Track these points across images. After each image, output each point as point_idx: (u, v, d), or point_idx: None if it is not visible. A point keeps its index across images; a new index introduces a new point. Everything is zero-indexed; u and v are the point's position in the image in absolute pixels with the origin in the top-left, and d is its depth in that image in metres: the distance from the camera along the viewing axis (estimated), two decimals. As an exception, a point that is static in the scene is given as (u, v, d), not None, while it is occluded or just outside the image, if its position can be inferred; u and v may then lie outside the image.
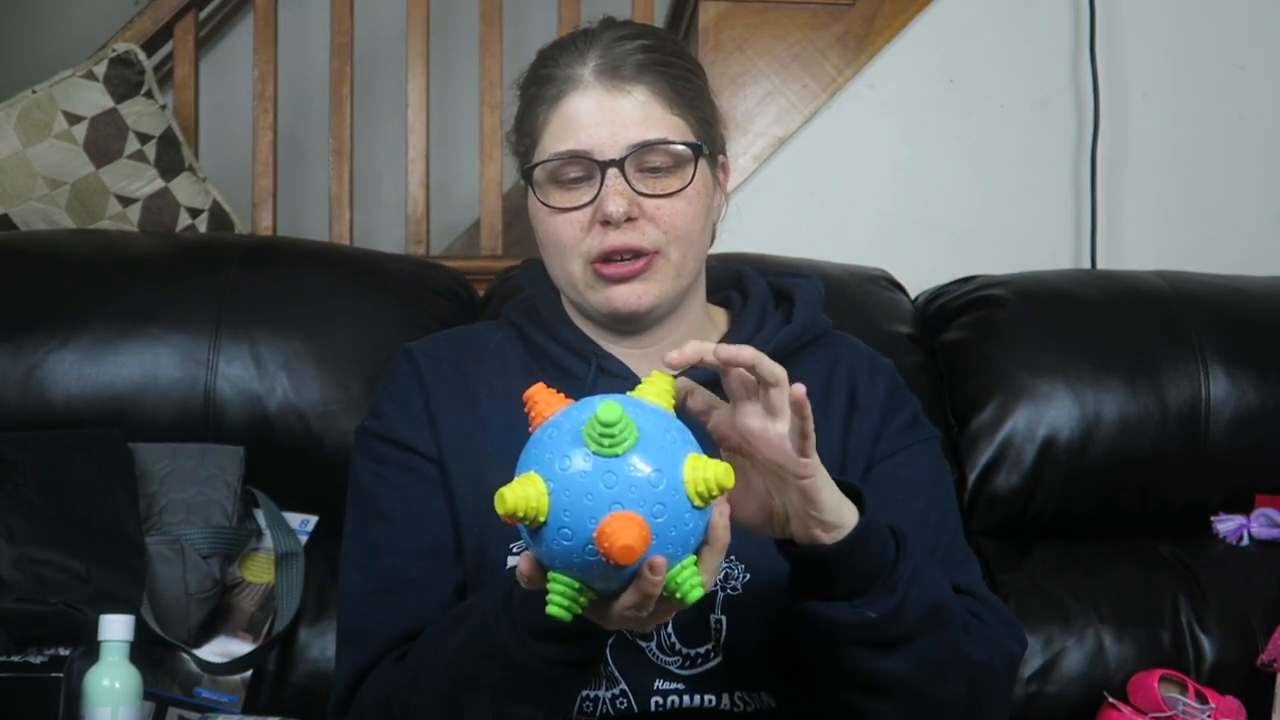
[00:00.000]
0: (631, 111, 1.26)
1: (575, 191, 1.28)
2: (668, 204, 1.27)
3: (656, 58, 1.29)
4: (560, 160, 1.27)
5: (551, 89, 1.29)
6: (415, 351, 1.40)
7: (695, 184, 1.29)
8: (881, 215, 2.43)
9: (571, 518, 0.97)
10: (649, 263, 1.28)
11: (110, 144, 2.32)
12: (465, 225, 3.32)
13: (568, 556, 0.99)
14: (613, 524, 0.95)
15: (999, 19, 2.47)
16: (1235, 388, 1.86)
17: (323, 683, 1.65)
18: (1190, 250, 2.41)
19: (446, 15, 2.95)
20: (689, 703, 1.27)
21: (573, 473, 0.97)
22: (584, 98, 1.27)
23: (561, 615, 1.01)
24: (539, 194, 1.30)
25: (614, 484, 0.97)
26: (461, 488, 1.31)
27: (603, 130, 1.26)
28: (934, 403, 1.84)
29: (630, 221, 1.26)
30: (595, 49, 1.28)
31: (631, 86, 1.27)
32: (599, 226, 1.27)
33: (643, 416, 1.00)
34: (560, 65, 1.29)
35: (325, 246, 2.14)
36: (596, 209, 1.26)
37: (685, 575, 1.00)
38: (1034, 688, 1.74)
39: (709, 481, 0.98)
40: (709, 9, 2.41)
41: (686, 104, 1.30)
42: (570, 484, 0.97)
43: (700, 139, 1.30)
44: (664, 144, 1.27)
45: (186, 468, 1.67)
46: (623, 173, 1.26)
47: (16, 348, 1.72)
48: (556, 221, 1.29)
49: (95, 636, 1.39)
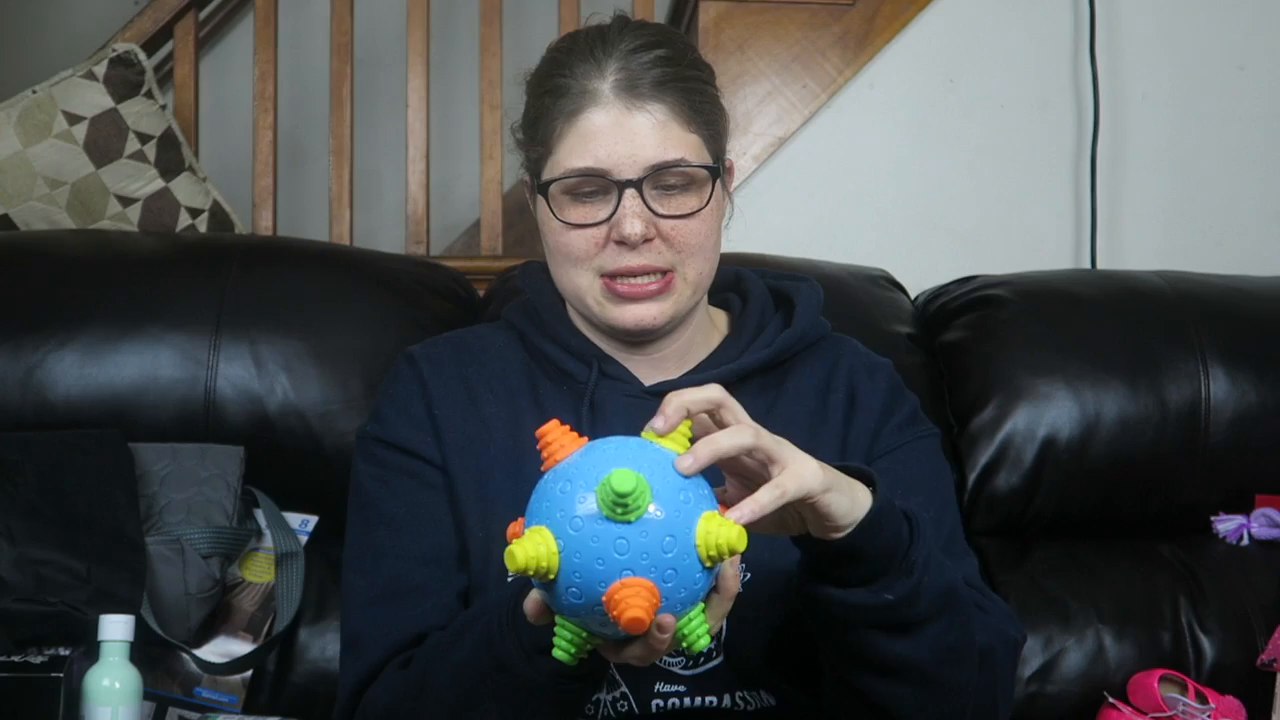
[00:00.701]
0: (650, 131, 1.25)
1: (590, 207, 1.27)
2: (684, 224, 1.27)
3: (675, 72, 1.28)
4: (577, 177, 1.27)
5: (568, 102, 1.27)
6: (416, 355, 1.39)
7: (711, 204, 1.29)
8: (881, 215, 2.43)
9: (582, 579, 0.97)
10: (668, 283, 1.28)
11: (110, 144, 2.32)
12: (465, 225, 3.32)
13: (576, 612, 0.99)
14: (622, 592, 0.95)
15: (999, 19, 2.47)
16: (1235, 388, 1.86)
17: (323, 683, 1.65)
18: (1190, 250, 2.41)
19: (446, 15, 2.95)
20: (690, 704, 1.27)
21: (585, 535, 0.97)
22: (601, 114, 1.26)
23: (566, 660, 1.02)
24: (553, 207, 1.29)
25: (625, 550, 0.96)
26: (465, 491, 1.31)
27: (620, 149, 1.25)
28: (934, 403, 1.84)
29: (646, 242, 1.26)
30: (613, 60, 1.27)
31: (650, 104, 1.26)
32: (613, 245, 1.27)
33: (658, 475, 0.99)
34: (577, 76, 1.27)
35: (325, 246, 2.14)
36: (612, 228, 1.26)
37: (692, 626, 1.01)
38: (1034, 688, 1.74)
39: (721, 547, 0.98)
40: (709, 9, 2.41)
41: (703, 119, 1.29)
42: (582, 547, 0.97)
43: (714, 153, 1.30)
44: (682, 164, 1.26)
45: (186, 468, 1.67)
46: (640, 193, 1.25)
47: (16, 348, 1.72)
48: (571, 236, 1.28)
49: (95, 636, 1.39)
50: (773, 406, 1.33)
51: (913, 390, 1.43)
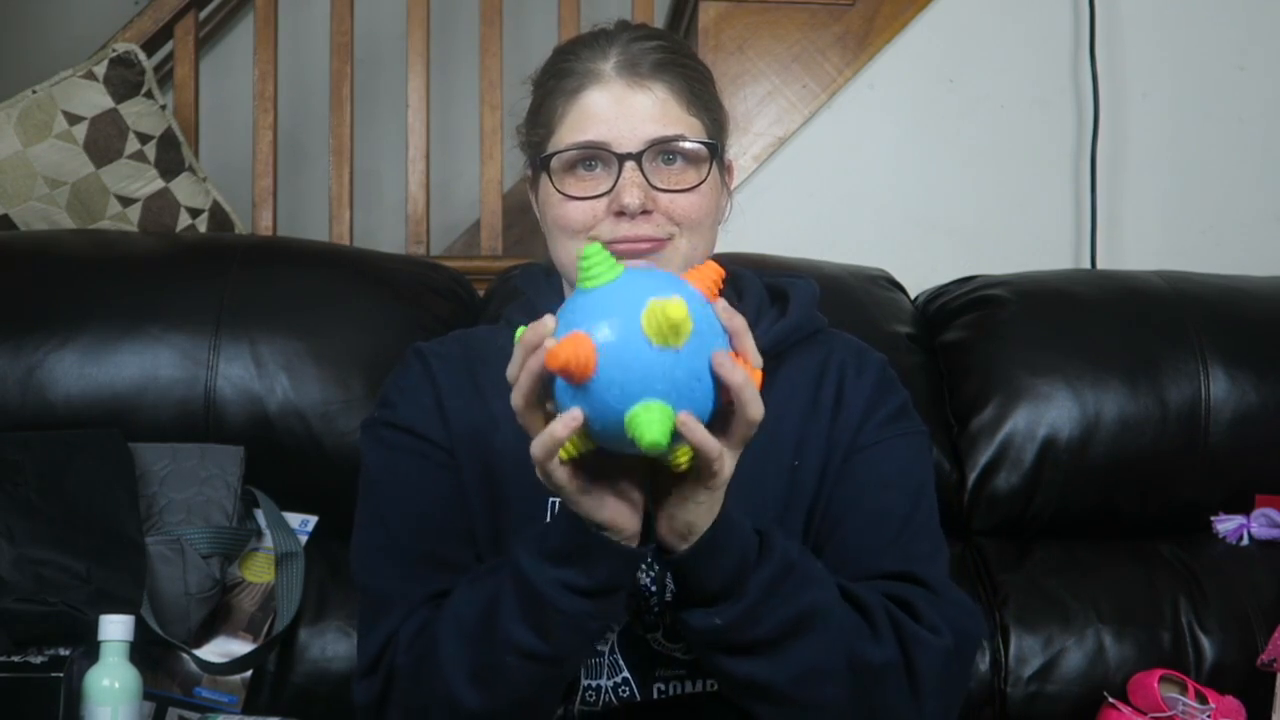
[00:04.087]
0: (650, 107, 1.29)
1: (591, 180, 1.30)
2: (682, 198, 1.30)
3: (674, 58, 1.32)
4: (578, 150, 1.30)
5: (571, 81, 1.31)
6: (425, 350, 1.40)
7: (709, 181, 1.31)
8: (881, 215, 2.43)
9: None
10: (660, 244, 1.30)
11: (110, 144, 2.32)
12: (465, 225, 3.32)
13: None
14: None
15: (999, 19, 2.47)
16: (1235, 388, 1.86)
17: (323, 683, 1.65)
18: (1190, 250, 2.41)
19: (446, 15, 2.95)
20: (691, 688, 1.29)
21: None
22: (603, 92, 1.30)
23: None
24: (554, 180, 1.31)
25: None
26: (472, 482, 1.32)
27: (621, 124, 1.28)
28: (934, 403, 1.84)
29: (645, 214, 1.28)
30: (615, 46, 1.32)
31: (651, 83, 1.30)
32: (612, 216, 1.29)
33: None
34: (581, 59, 1.32)
35: (325, 246, 2.14)
36: (613, 199, 1.28)
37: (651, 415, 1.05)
38: (1034, 688, 1.74)
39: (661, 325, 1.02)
40: (709, 9, 2.41)
41: (702, 105, 1.33)
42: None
43: (714, 138, 1.33)
44: (681, 140, 1.30)
45: (186, 468, 1.67)
46: (640, 166, 1.28)
47: (16, 348, 1.72)
48: (569, 207, 1.30)
49: (95, 636, 1.38)
50: (765, 397, 1.33)
51: (913, 390, 1.43)
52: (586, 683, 1.29)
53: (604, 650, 1.29)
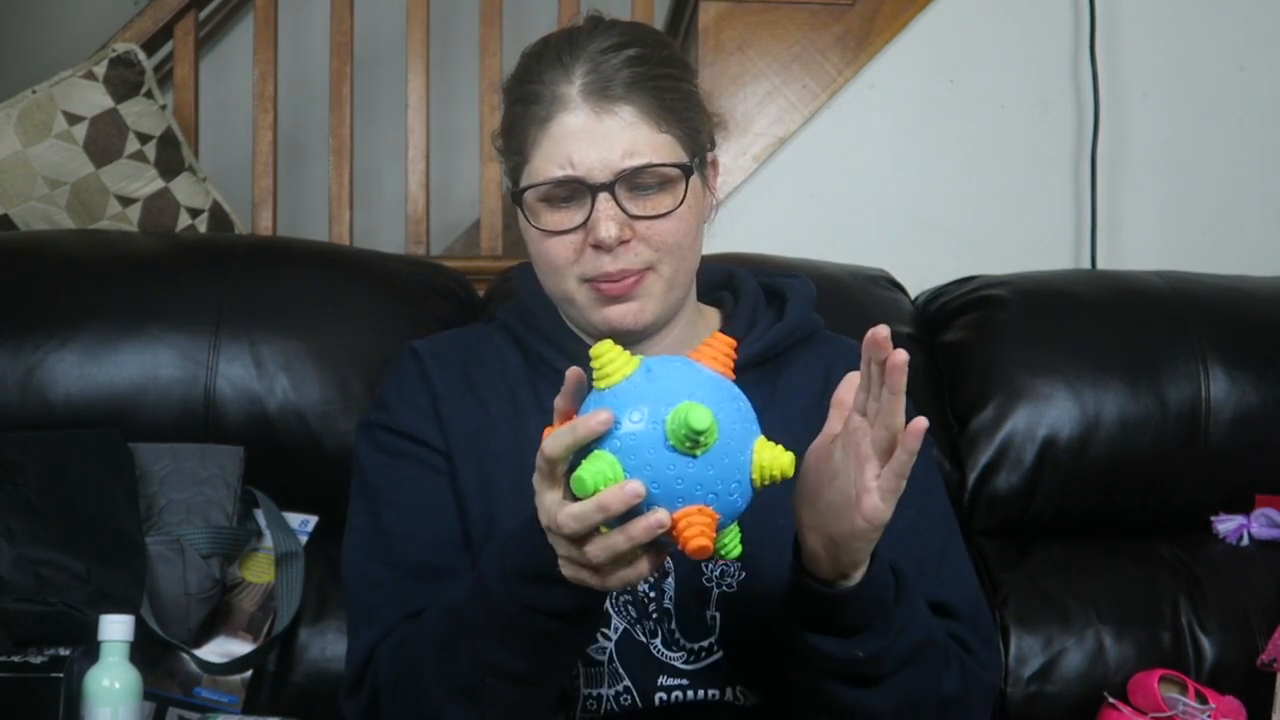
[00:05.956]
0: (619, 133, 1.26)
1: (566, 212, 1.28)
2: (659, 224, 1.27)
3: (643, 72, 1.28)
4: (551, 185, 1.27)
5: (539, 109, 1.28)
6: (419, 349, 1.40)
7: (686, 202, 1.29)
8: (881, 215, 2.43)
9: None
10: (641, 278, 1.28)
11: (110, 144, 2.32)
12: (465, 225, 3.32)
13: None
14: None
15: (999, 19, 2.47)
16: (1235, 388, 1.86)
17: (323, 683, 1.65)
18: (1190, 250, 2.41)
19: (446, 15, 2.95)
20: (692, 697, 1.28)
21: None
22: (571, 118, 1.26)
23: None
24: (530, 216, 1.30)
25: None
26: (468, 482, 1.32)
27: (591, 154, 1.25)
28: (934, 403, 1.84)
29: (623, 244, 1.27)
30: (580, 64, 1.27)
31: (618, 106, 1.26)
32: (590, 250, 1.27)
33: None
34: (545, 82, 1.28)
35: (325, 246, 2.14)
36: (589, 232, 1.26)
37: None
38: (1034, 688, 1.74)
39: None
40: (709, 9, 2.41)
41: (675, 118, 1.29)
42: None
43: (690, 151, 1.30)
44: (651, 168, 1.26)
45: (186, 468, 1.67)
46: (613, 196, 1.26)
47: (16, 348, 1.72)
48: (549, 243, 1.29)
49: (95, 636, 1.38)
50: (770, 399, 1.33)
51: (913, 391, 1.42)
52: (587, 691, 1.28)
53: (602, 660, 1.28)
